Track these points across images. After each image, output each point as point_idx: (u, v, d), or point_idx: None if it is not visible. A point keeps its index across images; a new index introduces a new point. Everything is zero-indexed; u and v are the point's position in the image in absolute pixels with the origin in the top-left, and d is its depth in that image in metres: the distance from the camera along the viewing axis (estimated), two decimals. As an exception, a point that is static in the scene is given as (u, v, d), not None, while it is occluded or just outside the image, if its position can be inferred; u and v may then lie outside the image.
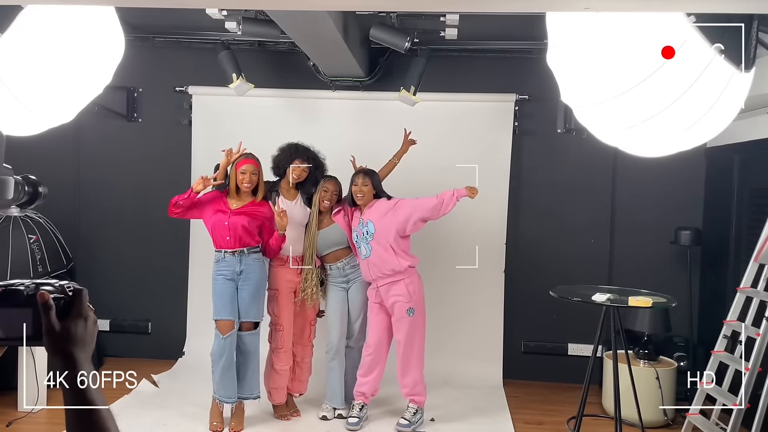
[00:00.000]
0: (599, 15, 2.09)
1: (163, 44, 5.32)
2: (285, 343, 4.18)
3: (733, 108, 2.29)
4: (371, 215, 4.08)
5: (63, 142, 5.34)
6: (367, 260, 4.07)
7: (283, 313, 4.17)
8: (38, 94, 2.27)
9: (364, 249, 4.07)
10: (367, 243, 4.05)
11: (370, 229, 4.05)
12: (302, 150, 4.24)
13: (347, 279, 4.27)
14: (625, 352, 3.99)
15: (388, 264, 4.02)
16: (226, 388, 4.05)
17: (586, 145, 4.68)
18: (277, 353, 4.20)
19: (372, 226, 4.04)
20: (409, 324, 4.07)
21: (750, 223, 4.37)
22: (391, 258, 4.02)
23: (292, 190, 4.28)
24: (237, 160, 4.06)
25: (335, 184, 4.23)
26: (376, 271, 4.05)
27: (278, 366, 4.20)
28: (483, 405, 4.64)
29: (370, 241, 4.04)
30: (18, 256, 4.77)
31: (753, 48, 2.16)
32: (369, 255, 4.05)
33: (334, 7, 3.30)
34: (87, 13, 2.26)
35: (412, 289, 4.07)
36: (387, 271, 4.03)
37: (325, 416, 4.30)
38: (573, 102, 2.41)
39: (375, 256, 4.03)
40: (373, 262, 4.04)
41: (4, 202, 1.60)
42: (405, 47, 4.31)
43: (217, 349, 4.03)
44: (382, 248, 4.02)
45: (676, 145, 2.39)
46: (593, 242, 5.23)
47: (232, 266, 4.03)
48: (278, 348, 4.18)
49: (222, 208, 4.04)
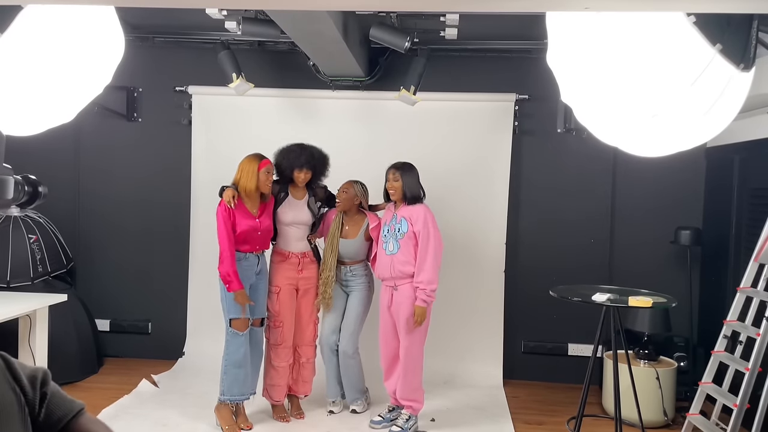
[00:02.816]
0: (599, 15, 2.09)
1: (163, 44, 5.32)
2: (285, 339, 4.18)
3: (733, 108, 2.29)
4: (406, 213, 4.05)
5: (63, 142, 5.35)
6: (392, 257, 4.04)
7: (284, 310, 4.17)
8: (38, 94, 2.27)
9: (392, 245, 4.04)
10: (396, 240, 4.03)
11: (403, 228, 4.02)
12: (304, 156, 4.20)
13: (347, 284, 4.30)
14: (625, 352, 3.99)
15: (410, 264, 4.01)
16: (242, 385, 4.05)
17: (586, 145, 4.69)
18: (275, 350, 4.20)
19: (406, 225, 4.02)
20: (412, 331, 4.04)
21: (750, 223, 4.37)
22: (412, 260, 4.02)
23: (300, 190, 4.28)
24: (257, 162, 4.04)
25: (349, 184, 4.24)
26: (399, 269, 4.02)
27: (276, 362, 4.20)
28: (483, 405, 4.64)
29: (400, 239, 4.02)
30: (18, 256, 4.78)
31: (753, 48, 2.16)
32: (396, 252, 4.02)
33: (334, 7, 3.30)
34: (87, 13, 2.26)
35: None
36: (408, 272, 4.02)
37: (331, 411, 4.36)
38: (573, 102, 2.41)
39: (401, 254, 4.01)
40: (399, 259, 4.02)
41: (4, 202, 1.60)
42: (405, 47, 4.31)
43: (234, 348, 4.01)
44: (409, 248, 4.01)
45: (676, 145, 2.39)
46: (593, 242, 5.23)
47: (253, 266, 4.08)
48: (277, 345, 4.18)
49: (247, 215, 4.03)
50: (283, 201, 4.22)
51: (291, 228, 4.20)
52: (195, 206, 5.37)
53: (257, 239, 4.07)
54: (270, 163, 4.10)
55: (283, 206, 4.21)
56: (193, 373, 5.05)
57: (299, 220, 4.20)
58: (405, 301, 4.01)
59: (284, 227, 4.21)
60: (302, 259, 4.23)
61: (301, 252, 4.23)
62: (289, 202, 4.22)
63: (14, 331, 4.28)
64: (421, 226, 3.98)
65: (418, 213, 4.02)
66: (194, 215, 5.38)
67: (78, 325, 5.03)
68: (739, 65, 2.12)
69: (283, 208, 4.20)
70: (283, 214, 4.19)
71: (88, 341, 5.15)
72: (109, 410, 4.30)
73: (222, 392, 4.08)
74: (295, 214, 4.20)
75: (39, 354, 4.28)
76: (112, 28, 2.39)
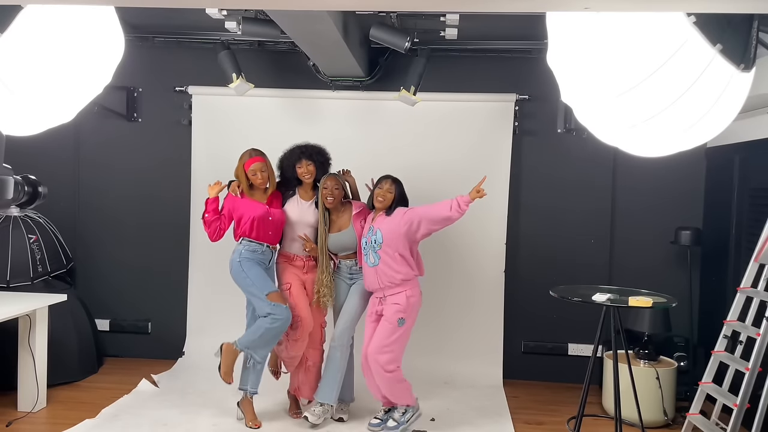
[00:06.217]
0: (599, 15, 2.09)
1: (163, 44, 5.32)
2: (303, 333, 4.13)
3: (733, 108, 2.29)
4: (381, 224, 4.05)
5: (63, 142, 5.35)
6: (376, 269, 4.03)
7: (299, 303, 4.13)
8: (38, 94, 2.27)
9: (372, 257, 4.04)
10: (375, 252, 4.02)
11: (378, 239, 4.01)
12: (307, 149, 4.22)
13: (352, 277, 4.28)
14: (625, 352, 3.99)
15: (398, 273, 3.99)
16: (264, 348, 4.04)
17: (586, 145, 4.70)
18: (294, 344, 4.16)
19: (380, 235, 4.01)
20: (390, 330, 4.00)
21: (750, 223, 4.36)
22: (401, 267, 3.99)
23: (309, 191, 4.28)
24: (245, 161, 4.10)
25: (333, 179, 4.20)
26: (386, 280, 4.01)
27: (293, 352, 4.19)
28: (483, 405, 4.64)
29: (377, 250, 4.01)
30: (18, 256, 4.78)
31: (753, 48, 2.16)
32: (377, 263, 4.01)
33: (334, 7, 3.30)
34: (87, 13, 2.26)
35: (413, 302, 4.03)
36: (397, 281, 4.00)
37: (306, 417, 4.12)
38: (573, 102, 2.41)
39: (384, 265, 3.99)
40: (383, 270, 4.00)
41: (4, 202, 1.60)
42: (405, 47, 4.30)
43: (284, 318, 3.95)
44: (390, 257, 3.98)
45: (676, 145, 2.39)
46: (593, 242, 5.23)
47: (268, 258, 4.12)
48: (296, 339, 4.15)
49: (256, 204, 4.10)
50: (290, 198, 4.22)
51: (296, 226, 4.18)
52: (195, 206, 5.36)
53: (270, 225, 4.08)
54: (258, 160, 4.09)
55: (289, 204, 4.21)
56: (193, 373, 5.04)
57: (305, 220, 4.19)
58: (399, 298, 4.00)
59: (289, 225, 4.20)
60: (307, 262, 4.23)
61: (306, 255, 4.23)
62: (296, 200, 4.22)
63: (14, 331, 4.28)
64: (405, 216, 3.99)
65: (393, 214, 4.03)
66: (194, 215, 5.37)
67: (78, 325, 5.03)
68: (739, 65, 2.12)
69: (289, 206, 4.20)
70: (290, 212, 4.19)
71: (88, 341, 5.15)
72: (109, 410, 4.30)
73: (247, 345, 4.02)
74: (301, 212, 4.19)
75: (39, 354, 4.28)
76: (112, 28, 2.39)
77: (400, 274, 3.98)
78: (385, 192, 4.08)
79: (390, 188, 4.08)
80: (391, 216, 4.05)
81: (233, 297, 4.40)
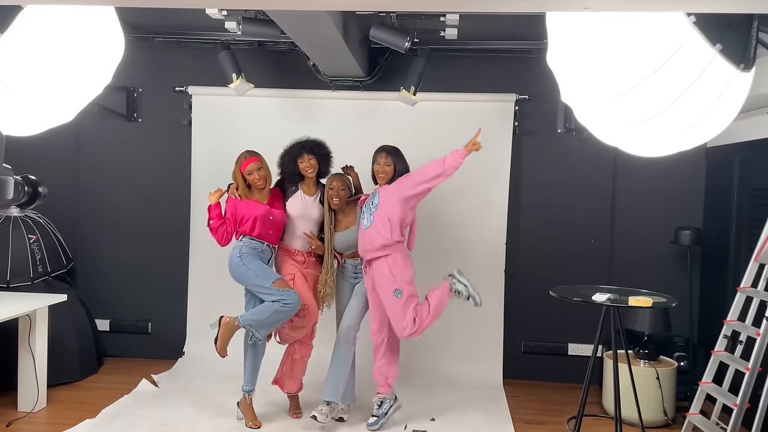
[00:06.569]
0: (599, 15, 2.09)
1: (162, 44, 5.32)
2: (310, 321, 4.15)
3: (733, 108, 2.29)
4: (382, 189, 4.08)
5: (63, 142, 5.35)
6: (366, 232, 4.04)
7: (303, 292, 4.10)
8: (38, 94, 2.28)
9: (366, 219, 4.05)
10: (371, 213, 4.03)
11: (375, 200, 4.04)
12: (308, 143, 4.22)
13: (356, 276, 4.28)
14: (626, 352, 3.99)
15: (380, 236, 3.97)
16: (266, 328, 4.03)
17: (586, 145, 4.70)
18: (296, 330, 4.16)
19: (377, 197, 4.04)
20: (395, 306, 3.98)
21: (750, 223, 4.36)
22: (385, 230, 3.96)
23: (312, 186, 4.28)
24: (240, 163, 4.11)
25: (339, 180, 4.21)
26: (369, 244, 4.01)
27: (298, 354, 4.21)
28: (483, 405, 4.64)
29: (373, 212, 4.02)
30: (18, 256, 4.78)
31: (753, 48, 2.16)
32: (369, 226, 4.02)
33: (334, 7, 3.30)
34: (87, 13, 2.26)
35: (396, 270, 3.97)
36: (377, 245, 3.98)
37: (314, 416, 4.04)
38: (573, 102, 2.41)
39: (373, 229, 3.99)
40: (370, 234, 4.00)
41: (4, 202, 1.60)
42: (405, 47, 4.30)
43: (295, 302, 3.94)
44: (380, 221, 3.98)
45: (676, 145, 2.39)
46: (593, 242, 5.23)
47: (267, 257, 4.12)
48: (302, 326, 4.14)
49: (258, 204, 4.11)
50: (293, 194, 4.22)
51: (299, 221, 4.18)
52: (195, 207, 5.36)
53: (271, 225, 4.09)
54: (254, 161, 4.10)
55: (292, 199, 4.20)
56: (193, 373, 5.05)
57: (309, 215, 4.19)
58: (382, 271, 3.99)
59: (292, 221, 4.19)
60: (307, 258, 4.24)
61: (306, 251, 4.23)
62: (299, 196, 4.22)
63: (14, 331, 4.28)
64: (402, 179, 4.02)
65: (394, 184, 4.04)
66: (194, 216, 5.38)
67: (78, 325, 5.03)
68: (739, 65, 2.12)
69: (292, 202, 4.20)
70: (292, 208, 4.19)
71: (88, 341, 5.15)
72: (109, 410, 4.30)
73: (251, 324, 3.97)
74: (305, 207, 4.19)
75: (39, 354, 4.28)
76: (112, 28, 2.40)
77: (381, 237, 3.96)
78: (383, 167, 4.09)
79: (387, 161, 4.09)
80: (393, 183, 4.08)
81: (233, 297, 4.40)
